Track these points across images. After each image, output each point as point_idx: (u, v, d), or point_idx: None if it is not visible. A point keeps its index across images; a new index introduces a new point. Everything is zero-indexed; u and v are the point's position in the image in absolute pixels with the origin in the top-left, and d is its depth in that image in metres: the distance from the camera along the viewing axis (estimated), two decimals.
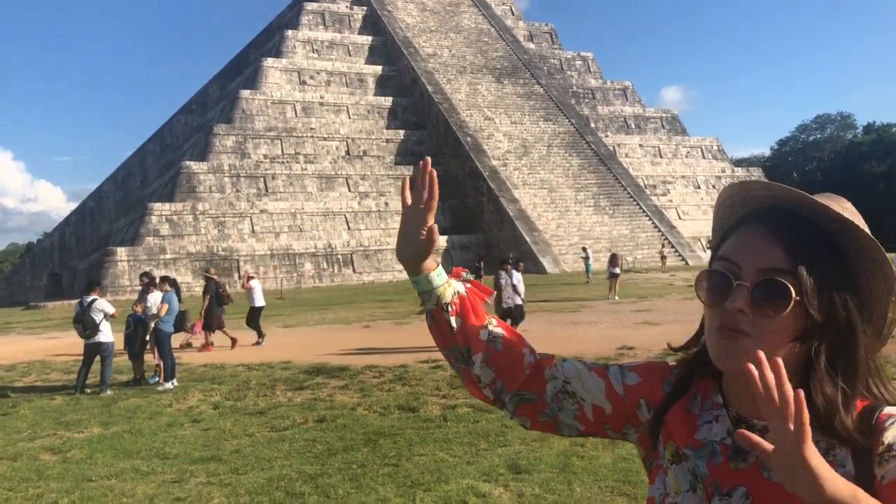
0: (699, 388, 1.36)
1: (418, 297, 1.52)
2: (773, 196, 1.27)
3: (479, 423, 8.44)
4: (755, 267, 1.21)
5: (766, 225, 1.25)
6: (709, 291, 1.25)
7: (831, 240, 1.23)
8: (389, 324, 21.39)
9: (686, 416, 1.34)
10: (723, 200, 1.36)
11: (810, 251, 1.21)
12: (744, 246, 1.25)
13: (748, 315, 1.20)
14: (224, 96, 64.88)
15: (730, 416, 1.30)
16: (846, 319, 1.21)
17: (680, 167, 62.06)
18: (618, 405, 1.41)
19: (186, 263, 44.61)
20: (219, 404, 10.48)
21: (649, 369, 1.45)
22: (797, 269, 1.20)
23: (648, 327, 17.42)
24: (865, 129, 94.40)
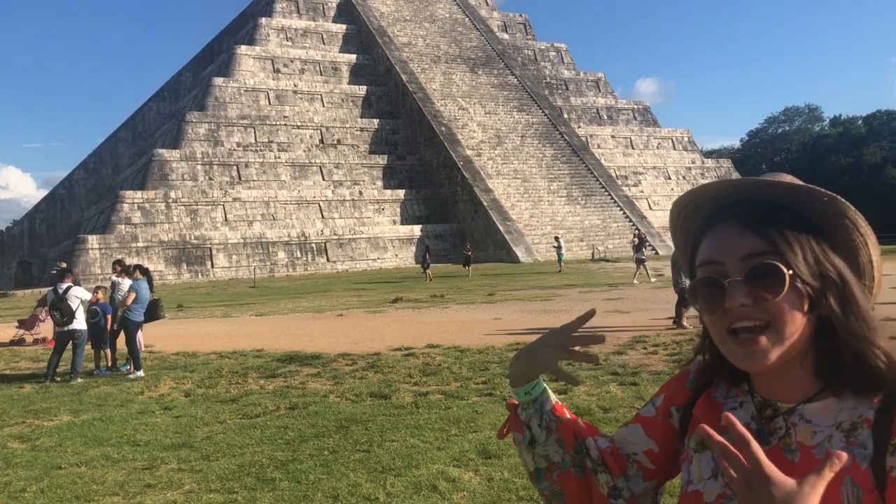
0: (724, 378, 1.39)
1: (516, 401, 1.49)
2: (723, 194, 1.31)
3: (450, 410, 8.53)
4: (737, 258, 1.24)
5: (732, 219, 1.28)
6: (705, 299, 1.26)
7: (795, 211, 1.27)
8: (363, 312, 21.43)
9: (711, 403, 1.38)
10: (676, 215, 1.39)
11: (781, 227, 1.25)
12: (718, 245, 1.28)
13: (752, 306, 1.21)
14: (197, 84, 64.22)
15: (755, 401, 1.32)
16: (839, 276, 1.24)
17: (651, 158, 62.55)
18: (658, 433, 1.44)
19: (159, 252, 44.23)
20: (190, 392, 10.49)
21: (670, 384, 1.49)
22: (777, 247, 1.23)
23: (619, 315, 17.63)
24: (832, 122, 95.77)
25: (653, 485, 1.45)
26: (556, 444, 1.44)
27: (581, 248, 48.22)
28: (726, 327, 1.24)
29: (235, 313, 23.06)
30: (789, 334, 1.21)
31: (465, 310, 20.79)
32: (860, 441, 1.19)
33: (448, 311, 20.59)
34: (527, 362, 1.45)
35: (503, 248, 47.26)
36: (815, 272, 1.23)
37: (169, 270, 43.87)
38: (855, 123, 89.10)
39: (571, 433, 1.44)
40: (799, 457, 1.23)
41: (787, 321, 1.21)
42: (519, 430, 1.48)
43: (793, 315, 1.21)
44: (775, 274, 1.21)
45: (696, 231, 1.36)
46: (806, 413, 1.26)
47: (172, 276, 43.54)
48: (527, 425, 1.46)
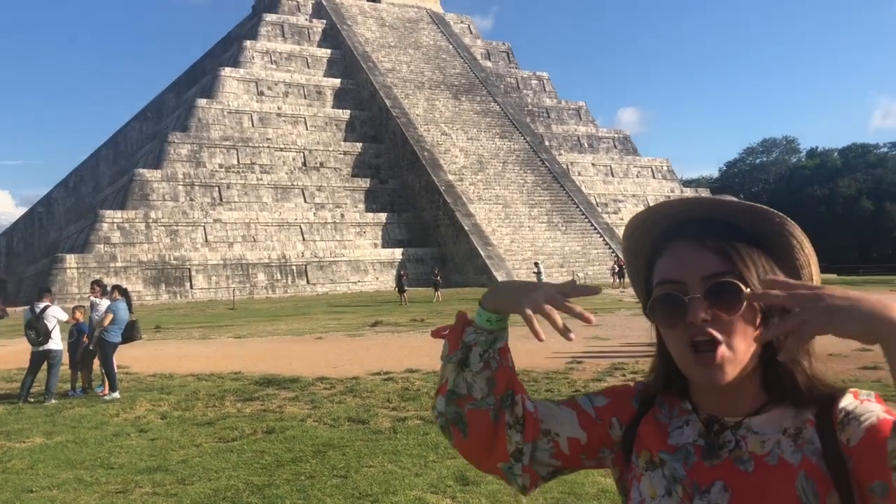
0: (665, 399, 1.43)
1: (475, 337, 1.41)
2: (680, 212, 1.38)
3: (428, 436, 8.51)
4: (698, 277, 1.29)
5: (689, 238, 1.33)
6: (665, 315, 1.31)
7: (744, 230, 1.33)
8: (342, 335, 21.34)
9: (657, 424, 1.40)
10: (631, 232, 1.44)
11: (738, 247, 1.31)
12: (679, 263, 1.33)
13: (711, 322, 1.27)
14: (180, 104, 64.13)
15: (700, 418, 1.36)
16: None
17: (631, 186, 63.07)
18: (592, 430, 1.44)
19: (138, 272, 43.88)
20: (166, 414, 10.39)
21: (615, 391, 1.51)
22: (735, 267, 1.29)
23: (598, 342, 17.68)
24: (809, 154, 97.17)
25: (556, 464, 1.44)
26: (485, 382, 1.39)
27: (561, 274, 48.36)
28: (687, 341, 1.29)
29: (214, 335, 22.89)
30: (744, 349, 1.27)
31: None
32: (807, 440, 1.27)
33: (428, 336, 20.50)
34: (511, 293, 1.38)
35: (484, 272, 47.34)
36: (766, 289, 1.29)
37: (147, 291, 43.51)
38: (831, 156, 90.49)
39: (507, 380, 1.41)
40: (753, 466, 1.29)
41: (740, 336, 1.27)
42: (456, 345, 1.43)
43: (746, 331, 1.28)
44: (733, 292, 1.27)
45: (651, 247, 1.41)
46: (752, 425, 1.32)
47: (151, 296, 43.17)
48: (467, 346, 1.41)
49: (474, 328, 1.42)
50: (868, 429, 1.22)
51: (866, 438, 1.21)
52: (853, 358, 13.38)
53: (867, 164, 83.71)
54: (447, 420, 1.42)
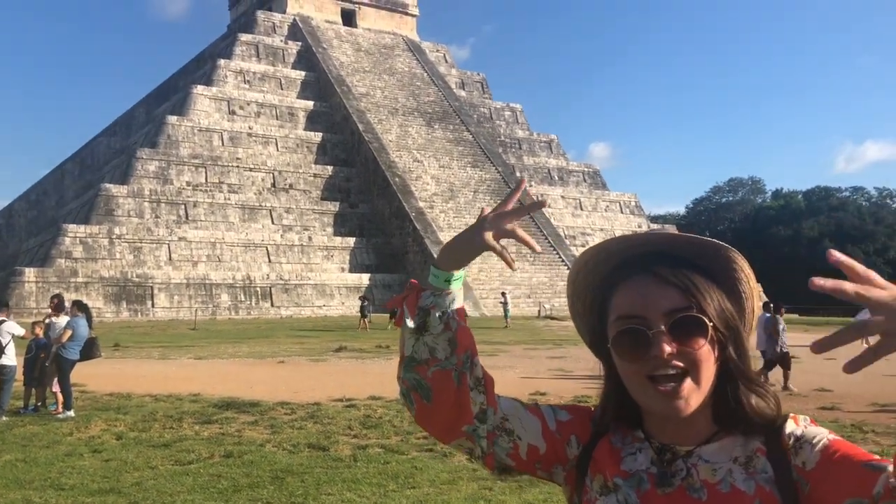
0: (619, 426, 1.44)
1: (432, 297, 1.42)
2: (635, 245, 1.40)
3: (389, 465, 8.42)
4: (660, 312, 1.30)
5: (646, 272, 1.35)
6: (629, 349, 1.32)
7: (696, 263, 1.36)
8: (305, 360, 21.13)
9: (612, 449, 1.41)
10: (585, 262, 1.44)
11: (694, 281, 1.33)
12: (638, 298, 1.34)
13: (677, 355, 1.29)
14: (150, 120, 63.62)
15: (653, 446, 1.38)
16: (735, 324, 1.36)
17: (599, 220, 63.66)
18: (552, 443, 1.44)
19: (98, 288, 43.15)
20: (122, 435, 10.16)
21: (578, 409, 1.51)
22: (696, 302, 1.31)
23: (562, 374, 17.72)
24: (774, 195, 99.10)
25: (510, 464, 1.45)
26: (446, 343, 1.40)
27: (528, 305, 48.51)
28: (646, 374, 1.31)
29: (174, 355, 22.54)
30: (706, 380, 1.31)
31: None
32: (759, 469, 1.30)
33: (392, 363, 20.41)
34: (463, 241, 1.42)
35: None
36: (723, 321, 1.34)
37: (108, 308, 42.76)
38: (795, 198, 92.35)
39: (467, 340, 1.42)
40: (706, 494, 1.31)
41: (704, 368, 1.31)
42: (412, 310, 1.42)
43: (708, 362, 1.32)
44: (699, 326, 1.30)
45: (604, 281, 1.42)
46: (703, 454, 1.35)
47: (111, 313, 42.43)
48: (425, 310, 1.41)
49: (431, 291, 1.43)
50: (823, 450, 1.26)
51: (823, 460, 1.25)
52: (813, 398, 13.55)
53: (830, 208, 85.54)
54: (408, 387, 1.41)
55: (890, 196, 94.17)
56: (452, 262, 1.43)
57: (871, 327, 1.06)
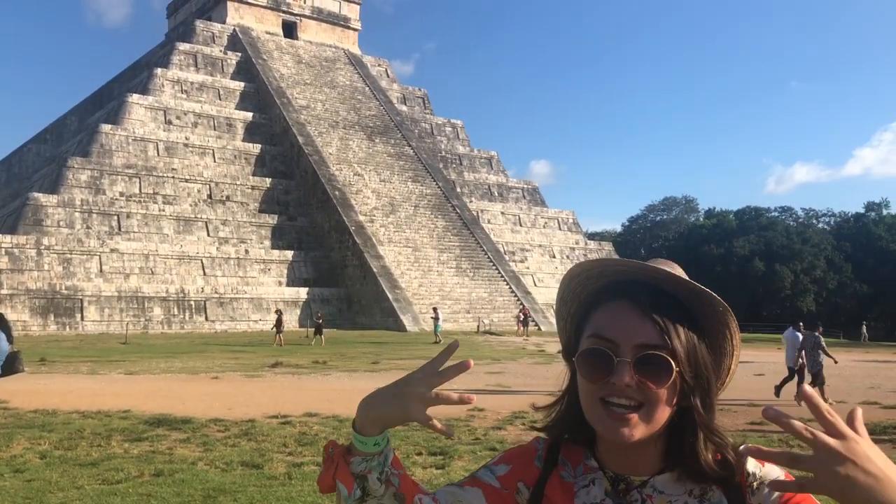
0: (568, 457, 1.42)
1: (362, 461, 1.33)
2: (632, 272, 1.38)
3: None
4: (632, 343, 1.30)
5: (632, 301, 1.34)
6: (591, 369, 1.32)
7: (684, 305, 1.36)
8: (240, 376, 20.75)
9: (562, 484, 1.39)
10: (578, 273, 1.42)
11: (675, 323, 1.32)
12: (615, 323, 1.34)
13: (633, 388, 1.29)
14: (83, 129, 61.99)
15: (607, 476, 1.37)
16: (707, 377, 1.35)
17: (538, 236, 64.37)
18: (500, 501, 1.40)
19: (25, 300, 41.69)
20: (46, 453, 9.78)
21: (514, 455, 1.48)
22: (671, 343, 1.30)
23: (500, 389, 17.79)
24: (707, 214, 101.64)
25: None
26: (393, 498, 1.34)
27: (467, 320, 48.66)
28: (601, 397, 1.31)
29: (103, 370, 21.87)
30: (658, 419, 1.31)
31: (348, 378, 20.48)
32: (714, 502, 1.32)
33: (329, 379, 20.22)
34: (389, 409, 1.31)
35: (391, 315, 47.12)
36: (692, 369, 1.33)
37: (34, 321, 41.34)
38: (727, 217, 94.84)
39: (411, 489, 1.37)
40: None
41: (659, 408, 1.30)
42: (348, 482, 1.33)
43: (664, 404, 1.31)
44: (664, 367, 1.29)
45: (592, 296, 1.41)
46: (657, 484, 1.35)
47: (38, 326, 41.02)
48: (361, 477, 1.32)
49: (362, 457, 1.33)
50: (780, 496, 1.27)
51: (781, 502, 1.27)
52: (742, 413, 13.87)
53: (759, 227, 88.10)
54: None
55: (816, 217, 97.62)
56: (377, 426, 1.33)
57: (805, 465, 1.07)
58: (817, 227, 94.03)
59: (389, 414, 1.32)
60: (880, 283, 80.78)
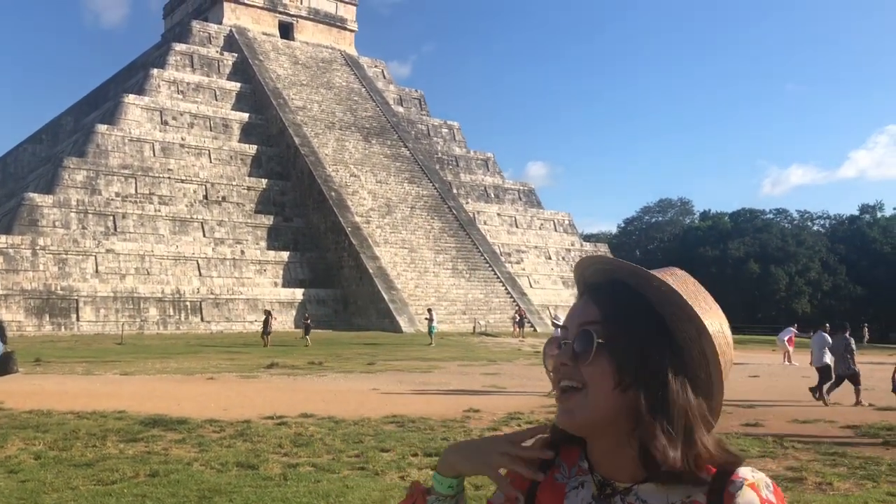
0: (565, 457, 1.44)
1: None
2: (596, 269, 1.42)
3: (320, 483, 8.31)
4: (574, 325, 1.36)
5: (588, 292, 1.41)
6: (551, 359, 1.39)
7: (646, 298, 1.35)
8: (235, 376, 20.74)
9: (553, 486, 1.42)
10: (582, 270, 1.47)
11: (619, 304, 1.34)
12: (571, 312, 1.41)
13: (572, 367, 1.32)
14: (78, 129, 61.87)
15: (595, 479, 1.38)
16: (658, 364, 1.31)
17: (534, 238, 64.41)
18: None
19: (20, 301, 41.59)
20: (41, 454, 9.77)
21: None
22: (605, 319, 1.33)
23: (495, 390, 17.82)
24: (702, 216, 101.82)
25: None
26: None
27: (463, 321, 48.68)
28: (557, 384, 1.36)
29: (99, 371, 21.85)
30: (596, 402, 1.30)
31: (343, 379, 20.49)
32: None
33: (325, 380, 20.23)
34: (467, 457, 1.41)
35: (386, 316, 47.11)
36: (635, 352, 1.31)
37: (29, 321, 41.26)
38: (722, 219, 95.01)
39: None
40: None
41: (593, 387, 1.31)
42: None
43: (601, 384, 1.30)
44: (587, 340, 1.32)
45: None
46: (640, 493, 1.34)
47: (32, 327, 40.94)
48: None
49: (436, 496, 1.45)
50: None
51: None
52: (736, 415, 13.91)
53: (755, 229, 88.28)
54: None
55: (810, 219, 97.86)
56: (454, 471, 1.44)
57: None
58: (812, 230, 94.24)
59: (466, 460, 1.41)
60: (874, 286, 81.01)
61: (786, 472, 9.29)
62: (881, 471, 9.46)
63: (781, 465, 9.75)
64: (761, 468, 1.43)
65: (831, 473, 9.23)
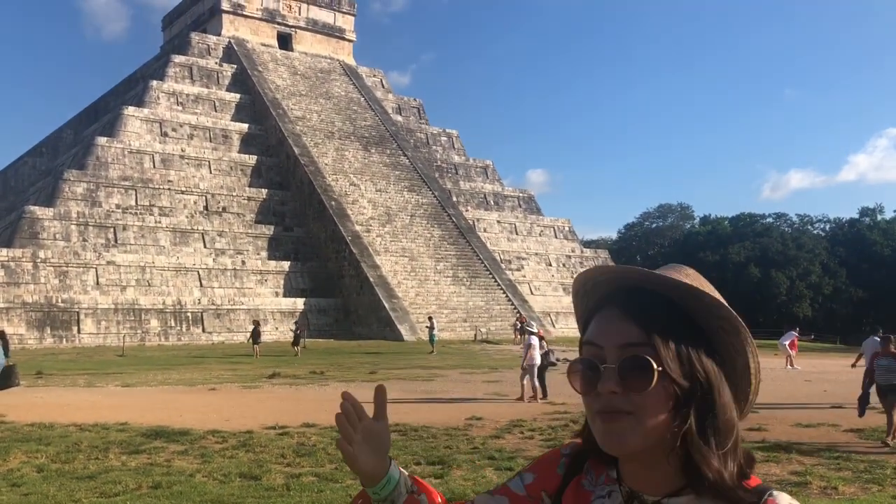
0: (594, 466, 1.40)
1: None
2: (618, 277, 1.36)
3: (323, 493, 8.29)
4: (614, 346, 1.27)
5: (618, 306, 1.31)
6: (581, 379, 1.30)
7: (678, 306, 1.30)
8: (237, 387, 20.71)
9: (579, 492, 1.39)
10: (576, 291, 1.42)
11: (661, 321, 1.27)
12: (601, 328, 1.31)
13: (620, 395, 1.24)
14: (78, 141, 61.97)
15: (622, 491, 1.34)
16: (706, 380, 1.27)
17: (534, 245, 64.41)
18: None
19: (21, 314, 41.57)
20: (44, 467, 9.75)
21: (541, 463, 1.48)
22: (653, 340, 1.25)
23: (497, 398, 17.79)
24: (702, 221, 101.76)
25: None
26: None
27: (464, 329, 48.62)
28: (597, 408, 1.27)
29: (100, 383, 21.81)
30: (650, 427, 1.25)
31: (345, 388, 20.41)
32: None
33: (327, 389, 20.19)
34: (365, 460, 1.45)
35: (387, 325, 47.07)
36: (686, 372, 1.26)
37: (30, 334, 41.23)
38: (722, 223, 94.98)
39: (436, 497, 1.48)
40: None
41: (649, 415, 1.24)
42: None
43: (656, 411, 1.25)
44: (645, 368, 1.24)
45: (589, 310, 1.39)
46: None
47: (34, 340, 40.91)
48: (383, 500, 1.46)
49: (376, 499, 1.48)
50: None
51: None
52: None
53: (755, 233, 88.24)
54: None
55: (810, 222, 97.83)
56: (372, 480, 1.46)
57: None
58: (812, 233, 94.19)
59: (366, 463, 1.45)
60: (875, 288, 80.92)
61: (790, 477, 9.26)
62: (886, 474, 9.44)
63: (786, 470, 9.72)
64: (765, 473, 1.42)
65: (836, 478, 9.20)
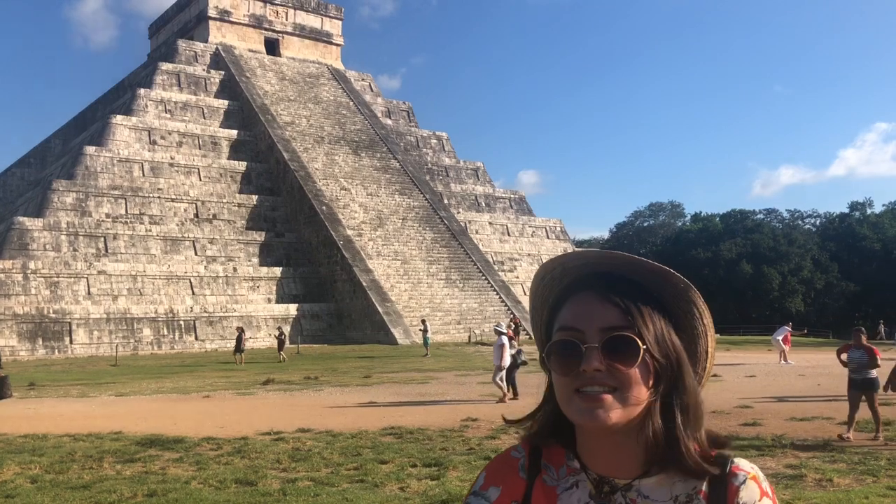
0: (550, 460, 1.41)
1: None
2: (592, 263, 1.39)
3: (319, 497, 8.27)
4: (597, 328, 1.31)
5: (594, 290, 1.35)
6: (561, 360, 1.32)
7: (649, 291, 1.36)
8: (231, 394, 20.64)
9: (544, 490, 1.38)
10: (542, 276, 1.44)
11: (639, 304, 1.33)
12: (580, 312, 1.34)
13: (604, 373, 1.28)
14: (67, 151, 61.77)
15: (590, 478, 1.35)
16: (677, 360, 1.33)
17: (526, 245, 64.48)
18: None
19: (12, 325, 41.35)
20: (38, 478, 9.69)
21: (498, 473, 1.46)
22: (635, 323, 1.31)
23: (492, 399, 17.79)
24: (693, 218, 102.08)
25: None
26: None
27: (458, 331, 48.61)
28: (575, 388, 1.30)
29: (94, 393, 21.71)
30: (633, 402, 1.29)
31: (340, 392, 20.42)
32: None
33: (322, 394, 20.15)
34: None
35: (381, 329, 47.03)
36: (662, 350, 1.33)
37: (22, 346, 41.02)
38: (713, 220, 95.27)
39: None
40: None
41: (633, 389, 1.29)
42: None
43: (639, 386, 1.30)
44: (631, 347, 1.29)
45: (557, 295, 1.42)
46: (643, 489, 1.33)
47: (26, 351, 40.71)
48: None
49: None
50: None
51: None
52: (734, 415, 13.91)
53: (745, 230, 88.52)
54: None
55: (801, 217, 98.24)
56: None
57: None
58: (803, 228, 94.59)
59: None
60: (867, 282, 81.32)
61: (785, 470, 9.29)
62: (881, 466, 9.48)
63: (781, 463, 9.75)
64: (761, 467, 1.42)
65: (831, 470, 9.23)
